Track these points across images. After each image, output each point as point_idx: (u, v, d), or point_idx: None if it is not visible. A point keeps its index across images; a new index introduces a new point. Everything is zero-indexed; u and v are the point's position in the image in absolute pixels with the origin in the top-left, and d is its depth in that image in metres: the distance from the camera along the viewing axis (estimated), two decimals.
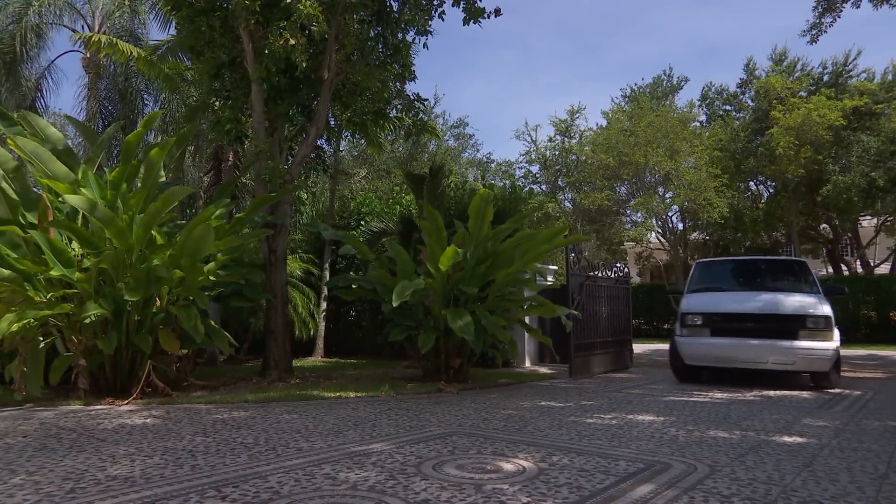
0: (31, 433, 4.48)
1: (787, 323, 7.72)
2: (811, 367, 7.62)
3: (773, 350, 7.66)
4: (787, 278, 8.87)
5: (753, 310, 7.96)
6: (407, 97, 9.26)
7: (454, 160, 25.64)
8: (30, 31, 14.49)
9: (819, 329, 7.58)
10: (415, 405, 6.12)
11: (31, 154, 6.26)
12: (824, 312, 7.67)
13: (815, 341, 7.55)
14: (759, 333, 7.79)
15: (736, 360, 7.90)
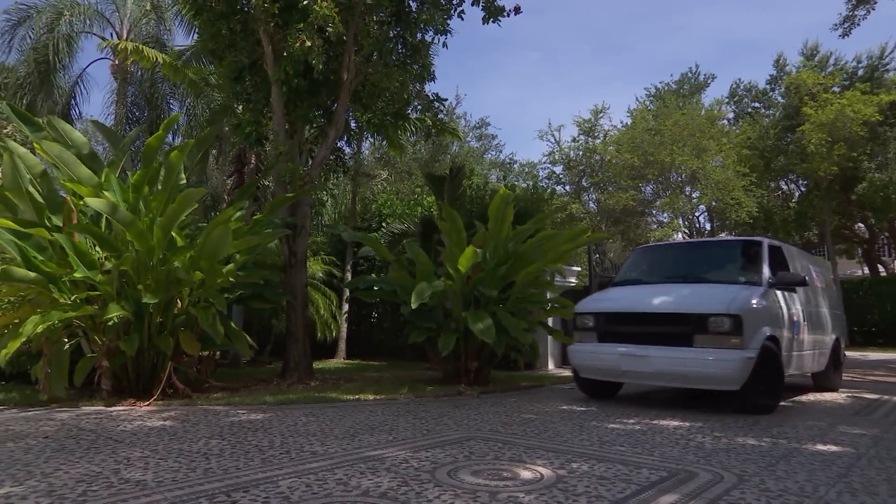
0: (51, 434, 4.51)
1: (682, 325, 5.85)
2: (709, 382, 5.72)
3: (660, 361, 5.84)
4: (730, 264, 6.80)
5: (646, 308, 6.21)
6: (426, 97, 9.21)
7: (476, 161, 25.53)
8: (61, 40, 14.82)
9: (723, 332, 5.60)
10: (433, 408, 6.04)
11: (56, 158, 6.36)
12: (732, 310, 5.59)
13: (714, 348, 5.62)
14: (649, 339, 6.06)
15: (620, 372, 6.19)
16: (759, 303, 5.88)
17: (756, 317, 5.75)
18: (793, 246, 7.89)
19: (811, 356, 7.07)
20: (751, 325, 5.65)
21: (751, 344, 5.62)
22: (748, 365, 5.54)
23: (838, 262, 22.91)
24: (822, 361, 7.48)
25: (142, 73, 15.69)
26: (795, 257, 7.40)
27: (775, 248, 6.97)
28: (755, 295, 5.94)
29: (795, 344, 6.48)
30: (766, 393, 5.83)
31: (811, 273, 7.58)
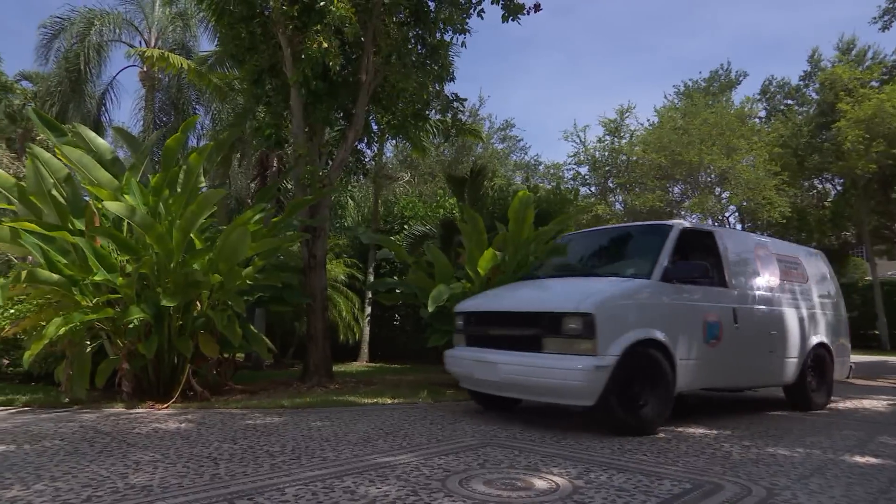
0: (68, 436, 4.53)
1: (533, 326, 5.04)
2: (556, 396, 4.93)
3: (507, 369, 5.03)
4: (630, 254, 6.03)
5: (500, 307, 5.58)
6: (445, 98, 9.11)
7: (501, 163, 25.36)
8: (91, 49, 15.16)
9: (572, 335, 4.72)
10: (451, 413, 5.92)
11: (77, 162, 6.44)
12: (583, 309, 4.70)
13: (562, 355, 4.76)
14: (503, 343, 5.30)
15: (475, 380, 5.50)
16: (626, 300, 4.97)
17: (618, 316, 4.82)
18: (747, 233, 6.98)
19: (750, 366, 5.85)
20: (609, 326, 4.68)
21: (608, 350, 4.63)
22: (600, 375, 4.55)
23: (878, 264, 22.07)
24: (785, 372, 6.19)
25: (168, 80, 15.96)
26: (743, 245, 6.25)
27: (694, 233, 5.96)
28: (626, 290, 5.07)
29: (704, 351, 5.27)
30: (648, 409, 4.83)
31: (769, 265, 6.31)
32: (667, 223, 5.95)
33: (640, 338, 4.80)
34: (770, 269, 6.35)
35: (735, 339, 5.58)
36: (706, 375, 5.42)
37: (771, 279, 6.29)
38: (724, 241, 6.00)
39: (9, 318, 7.62)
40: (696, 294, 5.40)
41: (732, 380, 5.93)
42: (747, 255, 6.20)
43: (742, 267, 6.05)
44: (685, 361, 5.12)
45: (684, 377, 5.11)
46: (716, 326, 5.42)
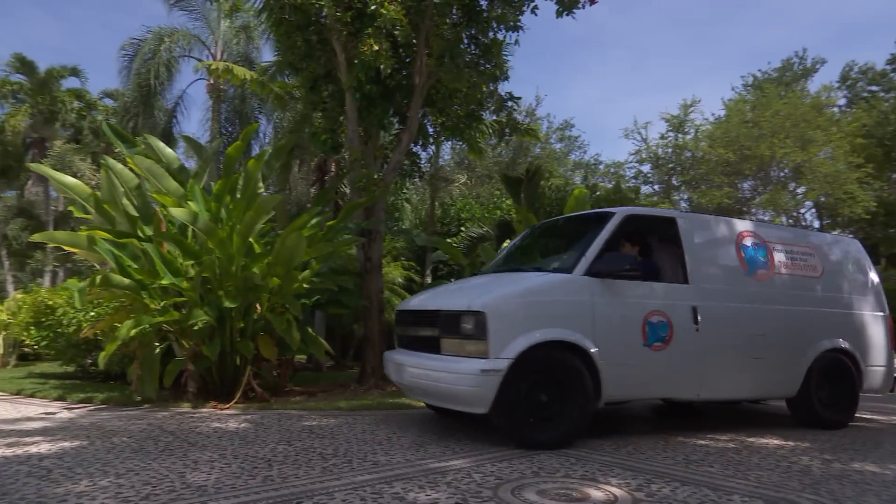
0: (135, 434, 4.71)
1: (434, 326, 4.68)
2: (450, 401, 4.54)
3: (410, 371, 4.76)
4: (567, 246, 5.34)
5: (412, 306, 5.32)
6: (499, 97, 8.99)
7: (560, 163, 24.94)
8: (161, 65, 15.94)
9: (465, 336, 4.36)
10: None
11: (146, 171, 6.74)
12: (475, 307, 4.34)
13: (455, 356, 4.41)
14: (415, 343, 5.02)
15: (402, 385, 5.17)
16: (529, 297, 4.49)
17: (516, 316, 4.35)
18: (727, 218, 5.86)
19: (722, 375, 5.07)
20: (504, 326, 4.26)
21: (502, 352, 4.19)
22: (490, 380, 4.13)
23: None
24: (779, 381, 5.33)
25: (233, 91, 16.58)
26: (717, 234, 5.39)
27: (650, 221, 5.46)
28: (530, 287, 4.60)
29: (645, 356, 4.68)
30: (560, 420, 4.32)
31: (759, 255, 5.45)
32: (611, 210, 5.24)
33: (544, 339, 4.31)
34: (760, 260, 5.46)
35: (695, 342, 4.86)
36: (649, 384, 4.82)
37: (760, 272, 5.41)
38: (689, 228, 5.22)
39: (89, 320, 8.08)
40: (634, 291, 4.77)
41: (692, 390, 4.97)
42: (723, 245, 5.37)
43: (714, 259, 5.25)
44: (615, 367, 4.52)
45: (614, 385, 4.53)
46: (662, 328, 4.76)
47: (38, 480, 3.30)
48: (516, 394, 4.23)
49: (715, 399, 5.66)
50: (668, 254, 5.33)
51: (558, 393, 4.36)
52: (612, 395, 4.60)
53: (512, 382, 4.19)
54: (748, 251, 5.43)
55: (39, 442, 4.36)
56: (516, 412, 4.26)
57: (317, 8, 7.98)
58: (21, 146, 21.74)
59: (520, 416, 4.28)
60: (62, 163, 19.52)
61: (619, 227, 4.93)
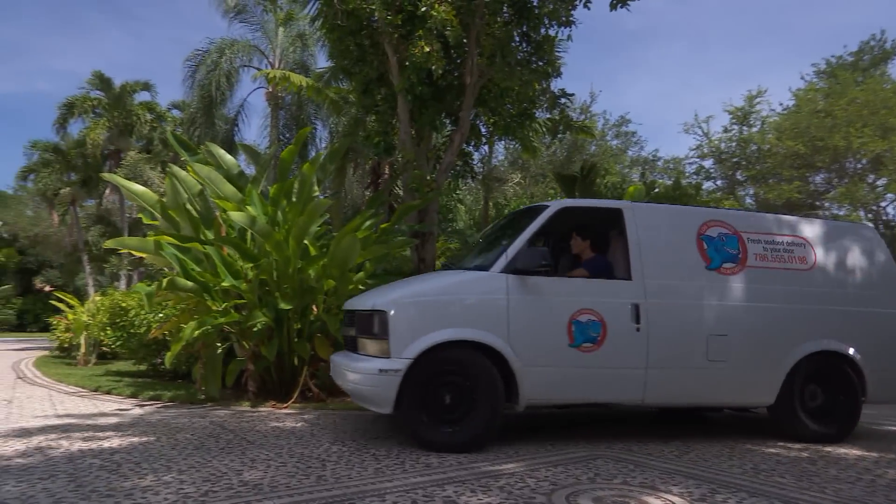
0: (198, 431, 4.87)
1: (353, 325, 4.77)
2: (361, 401, 4.53)
3: (336, 371, 4.86)
4: (500, 242, 5.03)
5: (347, 305, 5.24)
6: (552, 94, 8.83)
7: (616, 160, 24.34)
8: (222, 76, 16.57)
9: (374, 336, 4.36)
10: (561, 420, 5.66)
11: (206, 178, 6.99)
12: (378, 306, 4.36)
13: (367, 356, 4.42)
14: (348, 343, 5.03)
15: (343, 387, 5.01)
16: (435, 296, 4.40)
17: (419, 315, 4.28)
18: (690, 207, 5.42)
19: (672, 379, 4.65)
20: (406, 325, 4.22)
21: (403, 352, 4.15)
22: (389, 380, 4.11)
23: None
24: (748, 388, 4.83)
25: (290, 98, 17.04)
26: (672, 224, 4.98)
27: (593, 213, 5.15)
28: (439, 285, 4.55)
29: (571, 357, 4.41)
30: (459, 421, 4.20)
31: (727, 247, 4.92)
32: (544, 203, 4.97)
33: (449, 339, 4.20)
34: (727, 252, 4.93)
35: (636, 343, 4.53)
36: (578, 387, 4.50)
37: (727, 266, 4.89)
38: (636, 220, 4.84)
39: (158, 321, 8.47)
40: (559, 288, 4.54)
41: (634, 394, 4.59)
42: (680, 237, 4.91)
43: (666, 252, 4.81)
44: (534, 369, 4.34)
45: (535, 388, 4.36)
46: (593, 327, 4.47)
47: (108, 474, 3.45)
48: (421, 394, 4.17)
49: (665, 404, 5.24)
50: (618, 248, 4.93)
51: (468, 393, 4.24)
52: (534, 398, 4.42)
53: (415, 383, 4.14)
54: (712, 243, 4.92)
55: (112, 437, 4.57)
56: (421, 413, 4.19)
57: (368, 12, 8.07)
58: (99, 158, 23.10)
59: (424, 418, 4.20)
60: (134, 172, 20.60)
61: (551, 221, 4.70)
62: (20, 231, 34.80)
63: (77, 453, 3.99)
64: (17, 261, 34.34)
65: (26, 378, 9.36)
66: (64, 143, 23.26)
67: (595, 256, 5.01)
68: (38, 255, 35.49)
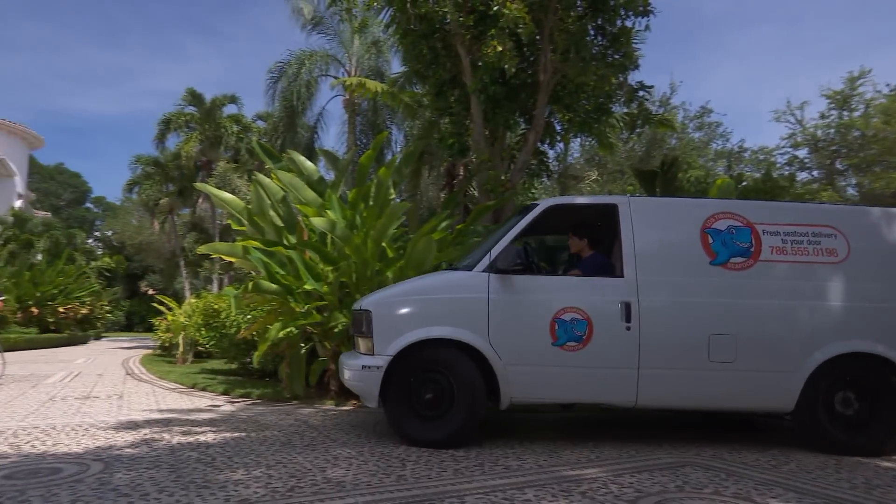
0: (284, 428, 5.07)
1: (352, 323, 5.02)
2: (360, 396, 4.81)
3: (341, 370, 5.01)
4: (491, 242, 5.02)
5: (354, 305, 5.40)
6: (629, 87, 8.54)
7: (699, 153, 23.24)
8: (302, 86, 17.25)
9: (362, 334, 4.59)
10: (646, 425, 5.45)
11: (288, 184, 7.28)
12: (364, 305, 4.65)
13: (357, 353, 4.67)
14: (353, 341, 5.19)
15: None
16: (416, 295, 4.57)
17: (399, 313, 4.48)
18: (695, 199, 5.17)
19: (667, 380, 4.41)
20: (388, 323, 4.43)
21: (385, 349, 4.36)
22: (372, 376, 4.34)
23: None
24: (762, 392, 4.44)
25: (366, 104, 17.48)
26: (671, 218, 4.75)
27: (584, 209, 5.11)
28: (420, 285, 4.71)
29: (555, 356, 4.34)
30: (440, 418, 4.31)
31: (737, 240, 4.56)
32: (534, 203, 4.90)
33: (428, 336, 4.34)
34: (737, 246, 4.57)
35: (626, 342, 4.36)
36: (563, 387, 4.45)
37: (736, 260, 4.55)
38: (630, 215, 4.64)
39: (246, 322, 8.91)
40: (541, 286, 4.55)
41: (626, 396, 4.43)
42: (681, 232, 4.65)
43: (663, 248, 4.61)
44: (516, 368, 4.35)
45: (517, 387, 4.38)
46: (578, 326, 4.37)
47: (204, 466, 3.65)
48: (404, 391, 4.36)
49: (661, 407, 4.92)
50: (615, 245, 4.75)
51: (449, 392, 4.34)
52: (517, 397, 4.44)
53: (398, 379, 4.33)
54: (719, 237, 4.59)
55: (207, 431, 4.85)
56: (403, 408, 4.37)
57: (440, 15, 8.14)
58: (193, 169, 24.68)
59: (406, 413, 4.37)
60: (223, 181, 21.82)
61: (538, 220, 4.66)
62: (127, 239, 37.82)
63: (177, 446, 4.25)
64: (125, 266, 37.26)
65: (134, 374, 10.13)
66: (162, 156, 25.03)
67: (592, 254, 4.96)
68: (142, 260, 38.40)
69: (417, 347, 4.37)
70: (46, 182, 53.93)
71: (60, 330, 22.71)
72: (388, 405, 4.43)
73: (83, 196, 59.89)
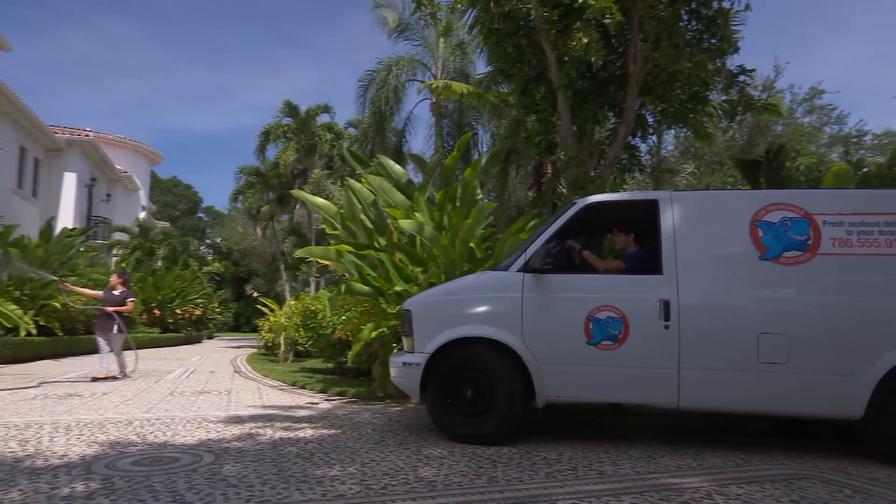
0: (378, 426, 5.20)
1: None
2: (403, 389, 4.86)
3: (389, 367, 5.09)
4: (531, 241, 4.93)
5: None
6: (728, 73, 8.01)
7: (809, 139, 21.45)
8: (390, 91, 17.69)
9: (405, 333, 4.83)
10: (758, 430, 5.08)
11: (377, 188, 7.47)
12: (406, 305, 4.88)
13: (404, 351, 4.92)
14: None
15: None
16: (452, 295, 4.75)
17: (436, 313, 4.69)
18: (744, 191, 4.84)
19: (711, 381, 4.15)
20: (426, 323, 4.67)
21: (424, 347, 4.58)
22: (412, 373, 4.59)
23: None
24: (821, 396, 4.03)
25: (452, 106, 17.63)
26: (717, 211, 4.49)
27: (623, 206, 4.97)
28: (458, 285, 4.89)
29: (590, 355, 4.30)
30: (481, 415, 4.39)
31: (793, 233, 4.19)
32: (573, 201, 4.85)
33: (463, 335, 4.49)
34: (791, 239, 4.22)
35: (665, 341, 4.21)
36: (599, 386, 4.40)
37: (790, 255, 4.19)
38: (671, 210, 4.48)
39: (341, 323, 9.25)
40: (574, 285, 4.49)
41: (667, 396, 4.22)
42: (728, 226, 4.40)
43: (708, 243, 4.41)
44: (550, 367, 4.38)
45: (552, 386, 4.40)
46: (613, 325, 4.30)
47: (303, 461, 3.82)
48: (443, 387, 4.51)
49: (707, 409, 4.52)
50: (655, 242, 4.58)
51: (487, 390, 4.41)
52: (553, 396, 4.45)
53: (437, 376, 4.51)
54: (771, 229, 4.28)
55: (305, 428, 5.06)
56: (442, 404, 4.52)
57: (524, 12, 8.03)
58: (290, 177, 26.02)
59: (446, 409, 4.52)
60: (318, 188, 22.83)
61: (575, 219, 4.63)
62: (233, 245, 40.59)
63: (279, 441, 4.47)
64: (232, 271, 39.99)
65: (241, 372, 10.81)
66: (262, 166, 26.59)
67: (635, 251, 4.87)
68: (247, 265, 41.05)
69: (454, 345, 4.53)
70: (164, 194, 59.01)
71: (178, 330, 24.74)
72: (428, 401, 4.60)
73: (195, 206, 65.03)
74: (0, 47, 15.87)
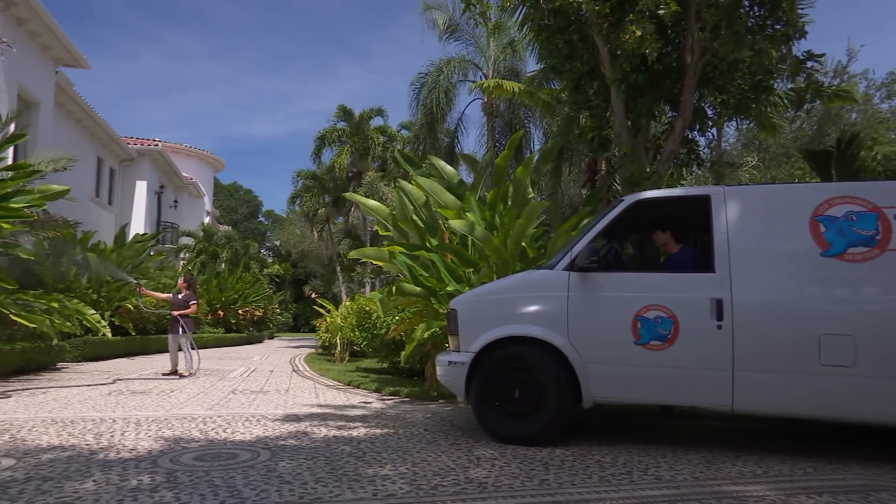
0: (430, 427, 5.22)
1: None
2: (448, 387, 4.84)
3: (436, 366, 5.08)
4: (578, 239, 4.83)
5: None
6: (794, 59, 7.60)
7: (887, 126, 20.11)
8: (441, 92, 17.76)
9: (451, 332, 4.86)
10: (828, 438, 4.80)
11: (428, 189, 7.51)
12: (452, 304, 4.90)
13: (451, 350, 4.89)
14: None
15: None
16: (498, 294, 4.78)
17: (481, 312, 4.70)
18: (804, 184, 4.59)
19: (768, 384, 3.96)
20: (472, 322, 4.68)
21: (469, 346, 4.59)
22: (457, 372, 4.60)
23: None
24: (884, 403, 3.76)
25: (504, 105, 17.53)
26: (772, 207, 4.28)
27: (673, 203, 4.80)
28: (503, 284, 4.94)
29: (638, 355, 4.20)
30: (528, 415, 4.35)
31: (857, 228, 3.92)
32: (623, 198, 4.73)
33: (507, 335, 4.48)
34: (857, 235, 3.95)
35: (718, 342, 4.07)
36: (648, 387, 4.27)
37: (855, 251, 3.93)
38: (724, 206, 4.31)
39: (395, 323, 9.35)
40: (622, 284, 4.42)
41: (720, 398, 4.09)
42: (787, 221, 4.18)
43: (765, 239, 4.20)
44: (597, 367, 4.31)
45: (599, 386, 4.33)
46: (662, 324, 4.18)
47: (356, 460, 3.87)
48: (488, 386, 4.48)
49: (764, 413, 4.26)
50: (707, 239, 4.45)
51: (534, 389, 4.36)
52: (600, 397, 4.39)
53: (482, 375, 4.50)
54: (834, 224, 4.03)
55: (359, 427, 5.14)
56: (488, 403, 4.49)
57: (575, 6, 7.89)
58: (345, 180, 26.56)
59: (490, 409, 4.49)
60: (372, 190, 23.18)
61: (623, 216, 4.53)
62: (292, 247, 41.82)
63: (332, 439, 4.56)
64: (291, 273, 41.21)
65: (299, 371, 11.10)
66: (318, 170, 27.26)
67: (680, 249, 4.82)
68: (305, 266, 42.19)
69: (499, 345, 4.52)
70: (227, 199, 61.41)
71: (241, 330, 25.66)
72: (472, 399, 4.59)
73: (256, 210, 67.37)
74: (80, 65, 16.87)
